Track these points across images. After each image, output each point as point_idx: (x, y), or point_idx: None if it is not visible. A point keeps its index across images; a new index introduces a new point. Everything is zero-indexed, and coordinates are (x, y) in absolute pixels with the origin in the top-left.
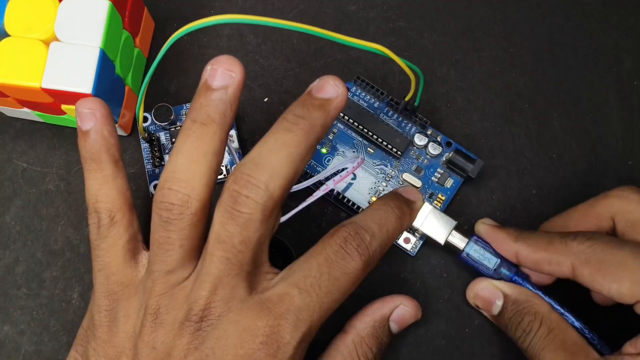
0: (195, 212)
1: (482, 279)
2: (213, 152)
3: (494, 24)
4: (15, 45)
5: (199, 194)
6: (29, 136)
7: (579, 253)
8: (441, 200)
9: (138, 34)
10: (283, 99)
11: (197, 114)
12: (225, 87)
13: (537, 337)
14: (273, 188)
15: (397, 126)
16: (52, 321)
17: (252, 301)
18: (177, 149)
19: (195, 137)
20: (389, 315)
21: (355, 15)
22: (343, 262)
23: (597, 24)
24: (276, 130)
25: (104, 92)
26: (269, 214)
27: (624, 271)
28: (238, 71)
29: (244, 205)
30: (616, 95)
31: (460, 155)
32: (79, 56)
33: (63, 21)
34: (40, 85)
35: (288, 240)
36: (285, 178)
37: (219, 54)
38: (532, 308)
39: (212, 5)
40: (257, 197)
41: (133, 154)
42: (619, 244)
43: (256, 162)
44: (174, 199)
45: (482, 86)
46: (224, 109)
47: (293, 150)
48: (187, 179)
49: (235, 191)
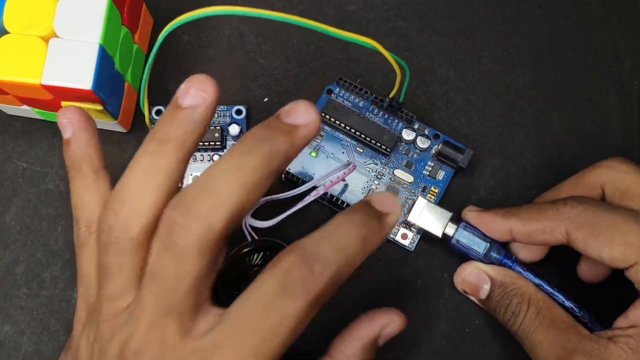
0: (135, 237)
1: (469, 264)
2: (166, 172)
3: (494, 24)
4: (15, 42)
5: (141, 217)
6: (29, 136)
7: (572, 218)
8: (434, 193)
9: (137, 30)
10: (283, 99)
11: (157, 131)
12: (194, 107)
13: (526, 318)
14: (215, 220)
15: (384, 124)
16: (52, 321)
17: (182, 349)
18: (129, 166)
19: (149, 155)
20: (379, 335)
21: (355, 15)
22: (283, 303)
23: (597, 24)
24: (232, 153)
25: (103, 88)
26: (209, 247)
27: (616, 234)
28: (211, 92)
29: (179, 237)
30: (616, 95)
31: (449, 146)
32: (79, 52)
33: (62, 18)
34: (40, 81)
35: (287, 242)
36: (232, 209)
37: (220, 53)
38: (519, 290)
39: (211, 4)
40: (195, 228)
41: (133, 153)
42: (611, 208)
43: (202, 188)
44: (112, 221)
45: (482, 86)
46: (186, 129)
47: (247, 177)
48: (130, 200)
49: (172, 219)
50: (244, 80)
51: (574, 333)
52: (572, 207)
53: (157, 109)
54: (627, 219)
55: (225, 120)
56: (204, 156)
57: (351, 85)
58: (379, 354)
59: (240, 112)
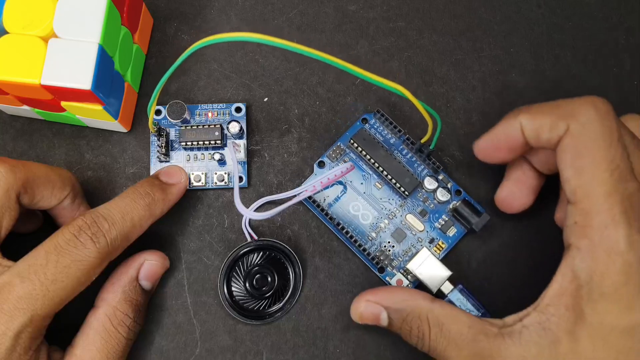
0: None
1: (358, 299)
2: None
3: (494, 24)
4: (14, 42)
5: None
6: (29, 136)
7: (579, 123)
8: (441, 247)
9: (137, 30)
10: (283, 99)
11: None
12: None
13: (432, 340)
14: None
15: (409, 164)
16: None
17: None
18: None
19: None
20: (137, 275)
21: (355, 15)
22: (74, 249)
23: (597, 24)
24: (124, 198)
25: (103, 88)
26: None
27: (589, 169)
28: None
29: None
30: (616, 95)
31: (468, 206)
32: (78, 52)
33: (61, 18)
34: (39, 81)
35: (287, 241)
36: (121, 232)
37: (219, 53)
38: (414, 312)
39: (212, 4)
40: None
41: (133, 153)
42: (610, 144)
43: (100, 214)
44: None
45: (482, 86)
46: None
47: (134, 218)
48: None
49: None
50: (244, 80)
51: (482, 336)
52: (585, 112)
53: (156, 109)
54: (608, 165)
55: (225, 119)
56: (205, 154)
57: (387, 120)
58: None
59: (239, 110)
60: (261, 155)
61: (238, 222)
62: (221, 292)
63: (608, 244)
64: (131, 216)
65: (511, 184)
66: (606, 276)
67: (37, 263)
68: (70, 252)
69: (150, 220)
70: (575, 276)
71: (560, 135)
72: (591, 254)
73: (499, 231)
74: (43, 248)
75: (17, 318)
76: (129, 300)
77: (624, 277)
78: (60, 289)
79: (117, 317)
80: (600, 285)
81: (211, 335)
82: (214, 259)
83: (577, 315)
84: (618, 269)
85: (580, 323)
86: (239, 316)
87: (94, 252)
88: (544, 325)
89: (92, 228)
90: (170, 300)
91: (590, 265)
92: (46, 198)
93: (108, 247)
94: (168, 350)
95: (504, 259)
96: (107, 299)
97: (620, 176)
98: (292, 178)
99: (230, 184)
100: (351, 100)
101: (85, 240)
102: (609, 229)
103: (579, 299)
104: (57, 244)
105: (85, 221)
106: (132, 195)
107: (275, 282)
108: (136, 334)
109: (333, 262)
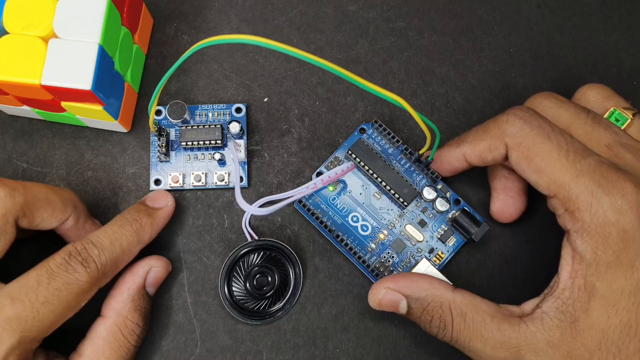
0: None
1: (377, 286)
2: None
3: (494, 24)
4: (15, 42)
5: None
6: (29, 136)
7: (511, 135)
8: (440, 257)
9: (137, 30)
10: (283, 99)
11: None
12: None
13: (455, 329)
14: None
15: (408, 174)
16: None
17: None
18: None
19: None
20: (144, 283)
21: (355, 16)
22: (66, 273)
23: (597, 24)
24: (113, 226)
25: (103, 89)
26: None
27: (546, 165)
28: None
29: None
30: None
31: (467, 215)
32: (78, 52)
33: (62, 18)
34: (39, 82)
35: (287, 241)
36: (110, 257)
37: (219, 53)
38: (437, 301)
39: (212, 4)
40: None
41: (133, 153)
42: (548, 135)
43: (90, 240)
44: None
45: (482, 86)
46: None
47: (122, 243)
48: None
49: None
50: (244, 80)
51: (507, 325)
52: (511, 124)
53: (156, 109)
54: (559, 152)
55: (225, 119)
56: (205, 155)
57: (385, 130)
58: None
59: (239, 110)
60: (261, 155)
61: (238, 222)
62: (221, 292)
63: (598, 219)
64: (120, 242)
65: (500, 193)
66: (607, 247)
67: (28, 285)
68: (62, 275)
69: (139, 245)
70: (581, 257)
71: (502, 153)
72: (588, 233)
73: (498, 239)
74: (35, 271)
75: (6, 339)
76: (139, 310)
77: (622, 243)
78: (50, 312)
79: (128, 326)
80: (605, 258)
81: (211, 335)
82: (214, 259)
83: (590, 292)
84: (615, 238)
85: (593, 298)
86: (239, 316)
87: (84, 276)
88: (562, 309)
89: (83, 254)
90: (170, 300)
91: (591, 243)
92: (46, 220)
93: (98, 272)
94: (168, 350)
95: (504, 267)
96: (117, 309)
97: (576, 156)
98: (292, 178)
99: (231, 183)
100: (351, 100)
101: (76, 265)
102: (593, 206)
103: (589, 276)
104: (48, 268)
105: (75, 247)
106: (120, 222)
107: (276, 282)
108: (143, 340)
109: (333, 262)
